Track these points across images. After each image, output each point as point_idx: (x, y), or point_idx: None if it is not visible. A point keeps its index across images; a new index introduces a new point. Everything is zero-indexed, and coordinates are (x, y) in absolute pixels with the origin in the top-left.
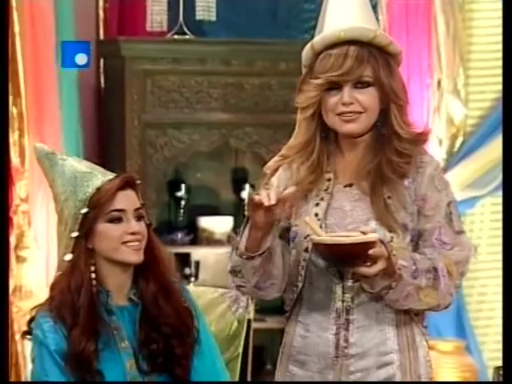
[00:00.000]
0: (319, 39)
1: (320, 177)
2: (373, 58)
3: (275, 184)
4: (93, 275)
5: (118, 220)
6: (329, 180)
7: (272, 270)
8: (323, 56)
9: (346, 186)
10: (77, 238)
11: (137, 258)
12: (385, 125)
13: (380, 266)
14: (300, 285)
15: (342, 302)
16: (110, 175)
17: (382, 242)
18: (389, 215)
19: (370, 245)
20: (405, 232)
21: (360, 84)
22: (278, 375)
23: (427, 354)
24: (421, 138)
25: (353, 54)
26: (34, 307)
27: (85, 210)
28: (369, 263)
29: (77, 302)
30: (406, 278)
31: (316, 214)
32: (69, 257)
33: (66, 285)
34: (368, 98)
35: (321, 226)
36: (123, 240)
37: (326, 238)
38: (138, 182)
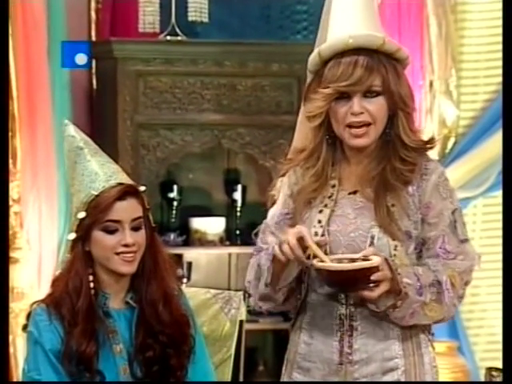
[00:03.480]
0: (326, 46)
1: (324, 184)
2: (382, 66)
3: (280, 189)
4: (90, 277)
5: (114, 230)
6: (333, 186)
7: (295, 285)
8: (332, 64)
9: (350, 193)
10: (74, 239)
11: (128, 269)
12: (391, 132)
13: (383, 288)
14: (304, 291)
15: (346, 308)
16: (113, 180)
17: (386, 261)
18: (392, 223)
19: (372, 270)
20: (408, 240)
21: (369, 93)
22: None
23: (433, 360)
24: (425, 147)
25: (363, 63)
26: (34, 302)
27: (82, 215)
28: (371, 286)
29: (76, 303)
30: (411, 296)
31: (319, 221)
32: (67, 257)
33: (64, 286)
34: (377, 107)
35: (323, 233)
36: (116, 251)
37: (327, 264)
38: (142, 189)
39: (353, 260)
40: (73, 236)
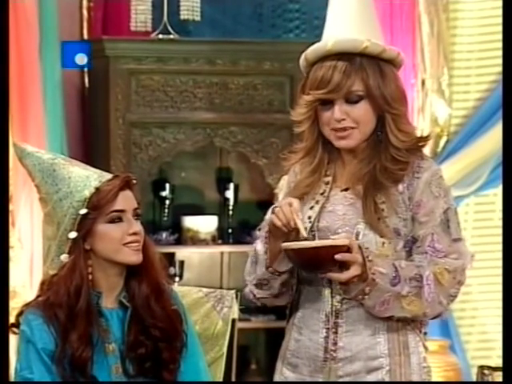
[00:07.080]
0: (310, 51)
1: (318, 180)
2: (363, 70)
3: (282, 186)
4: (90, 277)
5: (119, 220)
6: (327, 183)
7: (290, 278)
8: (315, 68)
9: (342, 190)
10: (74, 239)
11: (137, 258)
12: (382, 132)
13: (353, 272)
14: (295, 288)
15: (331, 305)
16: (107, 175)
17: (359, 247)
18: (380, 220)
19: (337, 249)
20: (397, 237)
21: (351, 98)
22: (276, 378)
23: (424, 360)
24: (417, 147)
25: (341, 68)
26: (25, 305)
27: (84, 211)
28: (342, 268)
29: (75, 304)
30: (381, 285)
31: (309, 217)
32: (65, 257)
33: (63, 286)
34: (360, 112)
35: (312, 229)
36: (124, 241)
37: (292, 243)
38: (135, 181)
39: None
40: (74, 235)
